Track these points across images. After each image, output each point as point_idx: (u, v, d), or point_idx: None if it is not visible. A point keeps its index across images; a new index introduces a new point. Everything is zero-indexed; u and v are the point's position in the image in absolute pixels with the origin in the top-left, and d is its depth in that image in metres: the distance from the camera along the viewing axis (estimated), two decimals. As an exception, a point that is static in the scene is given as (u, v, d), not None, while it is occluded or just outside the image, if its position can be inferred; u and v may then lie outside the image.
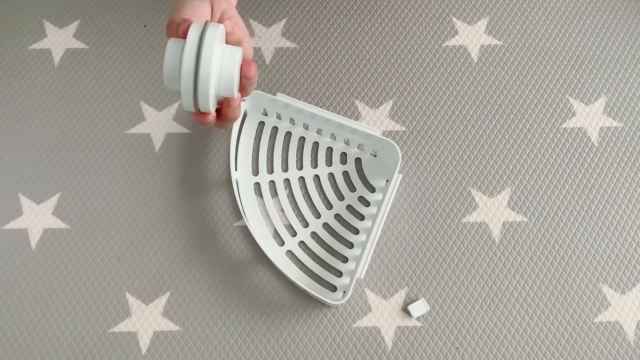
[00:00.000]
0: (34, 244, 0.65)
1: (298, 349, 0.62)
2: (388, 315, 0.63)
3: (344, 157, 0.69)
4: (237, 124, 0.67)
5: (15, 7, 0.77)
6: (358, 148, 0.69)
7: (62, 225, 0.66)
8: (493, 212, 0.67)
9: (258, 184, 0.68)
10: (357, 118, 0.71)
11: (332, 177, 0.68)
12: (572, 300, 0.63)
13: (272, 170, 0.69)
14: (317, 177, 0.68)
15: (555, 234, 0.66)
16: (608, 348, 0.62)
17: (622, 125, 0.71)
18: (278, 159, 0.69)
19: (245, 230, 0.66)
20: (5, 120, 0.71)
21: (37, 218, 0.67)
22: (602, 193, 0.68)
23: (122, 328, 0.62)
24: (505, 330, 0.62)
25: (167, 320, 0.63)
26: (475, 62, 0.74)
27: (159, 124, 0.71)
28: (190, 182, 0.68)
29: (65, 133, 0.70)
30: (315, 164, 0.69)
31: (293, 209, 0.67)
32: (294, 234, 0.66)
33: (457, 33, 0.75)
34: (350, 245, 0.65)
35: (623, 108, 0.72)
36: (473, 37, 0.75)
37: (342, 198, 0.67)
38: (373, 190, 0.67)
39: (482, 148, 0.70)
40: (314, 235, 0.66)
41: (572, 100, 0.72)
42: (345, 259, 0.65)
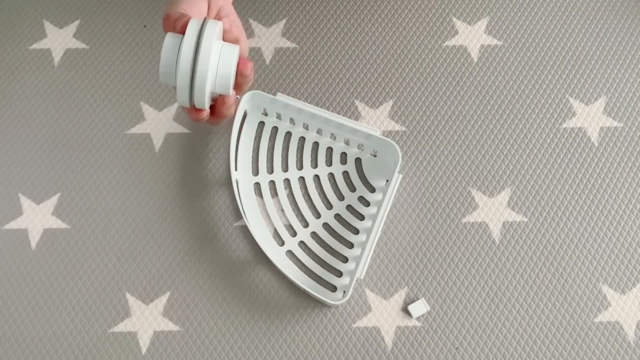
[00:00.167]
0: (34, 244, 0.65)
1: (298, 349, 0.62)
2: (388, 315, 0.63)
3: (344, 157, 0.69)
4: (237, 124, 0.67)
5: (15, 7, 0.77)
6: (358, 148, 0.69)
7: (62, 225, 0.66)
8: (493, 212, 0.67)
9: (258, 184, 0.68)
10: (357, 118, 0.71)
11: (332, 177, 0.68)
12: (572, 300, 0.63)
13: (272, 170, 0.69)
14: (317, 177, 0.68)
15: (555, 234, 0.66)
16: (608, 348, 0.62)
17: (622, 125, 0.71)
18: (278, 159, 0.69)
19: (245, 230, 0.66)
20: (5, 120, 0.71)
21: (37, 218, 0.67)
22: (602, 193, 0.68)
23: (122, 328, 0.62)
24: (505, 330, 0.62)
25: (167, 320, 0.63)
26: (475, 62, 0.74)
27: (159, 124, 0.71)
28: (190, 182, 0.68)
29: (65, 133, 0.70)
30: (315, 164, 0.69)
31: (293, 209, 0.67)
32: (294, 234, 0.66)
33: (457, 33, 0.75)
34: (350, 245, 0.65)
35: (623, 108, 0.71)
36: (473, 37, 0.75)
37: (342, 198, 0.67)
38: (373, 190, 0.67)
39: (482, 148, 0.70)
40: (314, 235, 0.66)
41: (572, 100, 0.72)
42: (345, 259, 0.65)
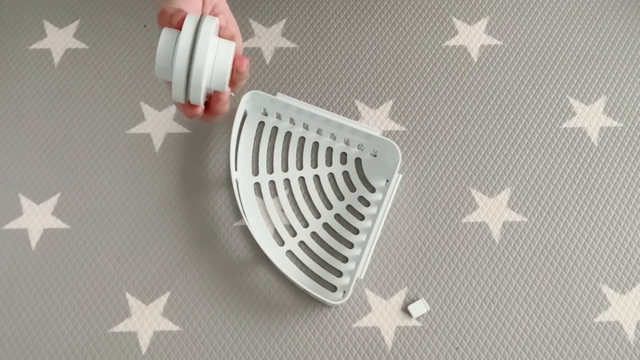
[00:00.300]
0: (34, 244, 0.65)
1: (298, 349, 0.62)
2: (388, 315, 0.63)
3: (344, 157, 0.69)
4: (237, 124, 0.67)
5: (15, 7, 0.77)
6: (358, 148, 0.69)
7: (62, 225, 0.66)
8: (493, 212, 0.67)
9: (258, 184, 0.68)
10: (357, 118, 0.71)
11: (332, 177, 0.68)
12: (572, 300, 0.63)
13: (272, 170, 0.69)
14: (317, 177, 0.68)
15: (555, 234, 0.66)
16: (608, 348, 0.62)
17: (622, 125, 0.71)
18: (278, 159, 0.69)
19: (245, 230, 0.66)
20: (6, 120, 0.71)
21: (37, 218, 0.67)
22: (602, 193, 0.68)
23: (122, 328, 0.62)
24: (505, 330, 0.62)
25: (167, 320, 0.63)
26: (475, 62, 0.74)
27: (159, 124, 0.71)
28: (190, 182, 0.68)
29: (65, 133, 0.70)
30: (315, 164, 0.69)
31: (293, 209, 0.67)
32: (294, 234, 0.66)
33: (457, 33, 0.75)
34: (350, 245, 0.65)
35: (623, 108, 0.71)
36: (473, 37, 0.75)
37: (342, 198, 0.67)
38: (373, 190, 0.67)
39: (482, 148, 0.70)
40: (314, 235, 0.66)
41: (572, 100, 0.72)
42: (345, 259, 0.65)
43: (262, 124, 0.71)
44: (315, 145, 0.70)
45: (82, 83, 0.73)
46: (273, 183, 0.68)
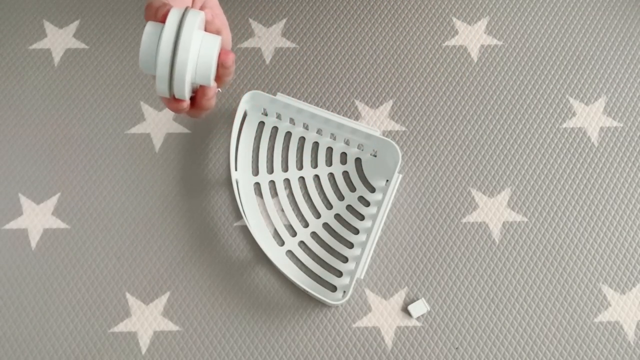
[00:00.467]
0: (34, 244, 0.65)
1: (298, 349, 0.62)
2: (388, 315, 0.63)
3: (344, 157, 0.69)
4: (237, 124, 0.67)
5: (15, 7, 0.77)
6: (358, 148, 0.69)
7: (62, 225, 0.66)
8: (493, 212, 0.67)
9: (258, 184, 0.68)
10: (357, 118, 0.71)
11: (332, 177, 0.68)
12: (572, 300, 0.63)
13: (272, 170, 0.69)
14: (317, 177, 0.68)
15: (555, 234, 0.66)
16: (608, 348, 0.62)
17: (622, 125, 0.71)
18: (278, 159, 0.69)
19: (245, 230, 0.66)
20: (6, 120, 0.71)
21: (37, 218, 0.66)
22: (602, 193, 0.68)
23: (122, 328, 0.62)
24: (505, 330, 0.62)
25: (167, 320, 0.63)
26: (475, 62, 0.74)
27: (159, 124, 0.71)
28: (190, 182, 0.68)
29: (65, 133, 0.70)
30: (315, 164, 0.69)
31: (293, 209, 0.67)
32: (294, 234, 0.66)
33: (457, 33, 0.75)
34: (350, 245, 0.65)
35: (623, 108, 0.71)
36: (473, 37, 0.75)
37: (342, 198, 0.67)
38: (373, 190, 0.67)
39: (482, 148, 0.70)
40: (314, 235, 0.66)
41: (572, 100, 0.72)
42: (345, 259, 0.65)
43: (262, 124, 0.71)
44: (315, 145, 0.70)
45: (82, 83, 0.73)
46: (273, 183, 0.68)
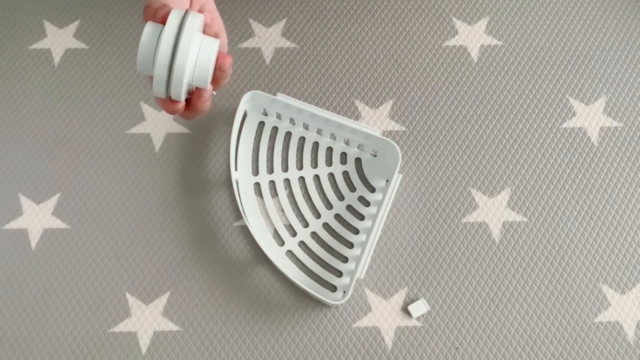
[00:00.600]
0: (34, 244, 0.65)
1: (298, 349, 0.62)
2: (388, 315, 0.63)
3: (344, 157, 0.69)
4: (237, 124, 0.67)
5: (15, 7, 0.76)
6: (358, 148, 0.69)
7: (62, 225, 0.66)
8: (493, 212, 0.67)
9: (258, 184, 0.68)
10: (357, 118, 0.71)
11: (332, 177, 0.68)
12: (572, 300, 0.63)
13: (272, 170, 0.69)
14: (317, 177, 0.68)
15: (555, 234, 0.66)
16: (608, 348, 0.61)
17: (622, 125, 0.71)
18: (278, 159, 0.69)
19: (245, 230, 0.66)
20: (5, 120, 0.71)
21: (37, 218, 0.66)
22: (602, 193, 0.68)
23: (122, 328, 0.62)
24: (505, 330, 0.62)
25: (167, 320, 0.63)
26: (475, 62, 0.74)
27: (159, 124, 0.71)
28: (190, 182, 0.68)
29: (65, 133, 0.70)
30: (315, 164, 0.69)
31: (293, 209, 0.67)
32: (294, 234, 0.66)
33: (457, 33, 0.75)
34: (350, 245, 0.65)
35: (623, 108, 0.71)
36: (473, 37, 0.75)
37: (342, 198, 0.67)
38: (373, 190, 0.67)
39: (482, 148, 0.70)
40: (314, 235, 0.66)
41: (572, 100, 0.72)
42: (345, 259, 0.65)
43: (262, 124, 0.71)
44: (315, 145, 0.69)
45: (82, 83, 0.72)
46: (273, 183, 0.68)
